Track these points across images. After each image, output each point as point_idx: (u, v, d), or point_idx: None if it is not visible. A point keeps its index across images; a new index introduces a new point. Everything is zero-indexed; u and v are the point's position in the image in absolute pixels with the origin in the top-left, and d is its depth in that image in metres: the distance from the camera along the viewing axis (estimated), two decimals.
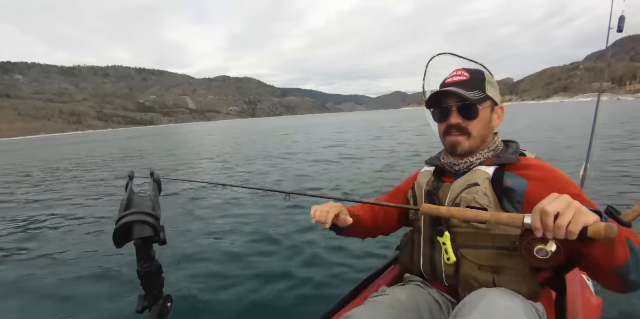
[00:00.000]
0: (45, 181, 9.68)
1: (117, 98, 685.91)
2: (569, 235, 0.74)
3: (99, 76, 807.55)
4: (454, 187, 1.10)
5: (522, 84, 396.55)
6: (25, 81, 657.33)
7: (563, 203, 0.75)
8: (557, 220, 0.74)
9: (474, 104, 1.08)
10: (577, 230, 0.73)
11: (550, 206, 0.75)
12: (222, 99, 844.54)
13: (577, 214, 0.73)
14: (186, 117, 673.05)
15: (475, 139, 1.11)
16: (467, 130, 1.10)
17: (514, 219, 0.82)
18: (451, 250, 1.06)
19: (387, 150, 11.36)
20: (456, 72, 1.16)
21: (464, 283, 1.05)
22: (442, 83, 1.19)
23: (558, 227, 0.74)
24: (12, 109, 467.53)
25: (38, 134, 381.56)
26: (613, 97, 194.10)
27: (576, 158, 6.77)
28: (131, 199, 0.68)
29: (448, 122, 1.11)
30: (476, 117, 1.09)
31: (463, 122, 1.09)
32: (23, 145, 51.92)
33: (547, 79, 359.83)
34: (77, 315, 2.50)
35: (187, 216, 4.93)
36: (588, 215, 0.74)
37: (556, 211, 0.74)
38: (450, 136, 1.12)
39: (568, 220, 0.73)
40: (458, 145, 1.11)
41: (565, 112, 31.28)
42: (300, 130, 32.14)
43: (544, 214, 0.75)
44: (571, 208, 0.74)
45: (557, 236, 0.75)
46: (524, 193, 0.99)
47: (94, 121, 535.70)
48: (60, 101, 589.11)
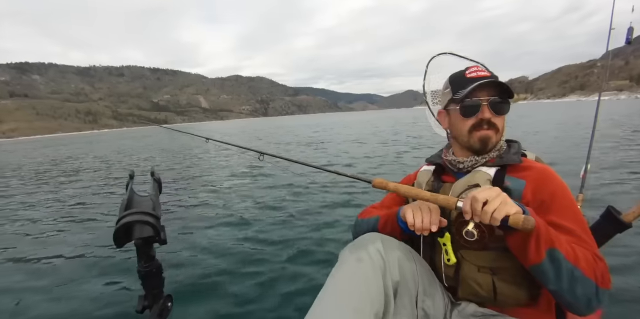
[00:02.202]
0: (51, 180, 9.87)
1: (132, 97, 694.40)
2: (492, 221, 0.82)
3: (114, 76, 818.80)
4: (455, 187, 1.10)
5: (537, 82, 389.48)
6: (42, 80, 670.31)
7: (493, 193, 0.84)
8: (484, 206, 0.83)
9: (507, 99, 1.08)
10: (500, 216, 0.80)
11: (480, 194, 0.84)
12: (234, 98, 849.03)
13: (502, 204, 0.82)
14: (199, 116, 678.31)
15: (500, 135, 1.11)
16: (496, 125, 1.09)
17: (449, 201, 0.91)
18: (451, 251, 1.06)
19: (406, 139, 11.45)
20: (476, 68, 1.13)
21: (464, 283, 1.05)
22: (461, 78, 1.14)
23: (484, 213, 0.82)
24: (30, 108, 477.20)
25: (55, 132, 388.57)
26: (631, 95, 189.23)
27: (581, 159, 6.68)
28: (131, 198, 0.67)
29: (479, 116, 1.08)
30: (507, 112, 1.09)
31: (493, 117, 1.08)
32: (45, 142, 52.95)
33: (563, 77, 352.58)
34: (76, 315, 2.50)
35: (187, 215, 4.94)
36: (512, 206, 0.82)
37: (485, 198, 0.83)
38: (481, 130, 1.09)
39: (494, 207, 0.81)
40: (489, 140, 1.09)
41: (585, 110, 30.84)
42: (329, 127, 32.24)
43: (474, 200, 0.84)
44: (499, 198, 0.83)
45: (483, 220, 0.84)
46: (521, 194, 1.01)
47: (110, 120, 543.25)
48: (77, 101, 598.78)
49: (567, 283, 0.85)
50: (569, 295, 0.86)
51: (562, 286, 0.85)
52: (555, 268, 0.85)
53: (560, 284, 0.85)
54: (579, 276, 0.84)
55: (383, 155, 10.11)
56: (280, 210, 4.80)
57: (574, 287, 0.85)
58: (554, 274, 0.85)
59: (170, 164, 11.54)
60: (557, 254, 0.84)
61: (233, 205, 5.33)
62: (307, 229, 3.90)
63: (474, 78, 1.11)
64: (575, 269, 0.84)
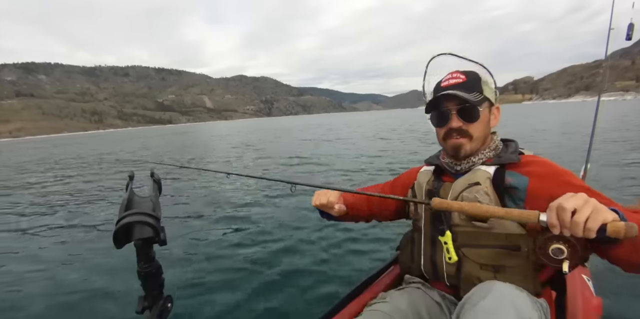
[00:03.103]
0: (55, 179, 9.97)
1: (137, 97, 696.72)
2: (587, 232, 0.72)
3: (119, 76, 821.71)
4: (455, 186, 1.10)
5: (543, 82, 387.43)
6: (48, 80, 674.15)
7: (580, 200, 0.74)
8: (574, 216, 0.73)
9: (475, 106, 1.06)
10: (596, 226, 0.71)
11: (567, 203, 0.74)
12: (239, 98, 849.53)
13: (594, 211, 0.72)
14: (203, 116, 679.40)
15: (477, 141, 1.10)
16: (468, 132, 1.09)
17: (529, 216, 0.80)
18: (452, 249, 1.05)
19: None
20: (451, 75, 1.14)
21: (466, 282, 1.04)
22: (437, 86, 1.17)
23: (575, 224, 0.72)
24: (36, 108, 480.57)
25: (61, 132, 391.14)
26: (637, 96, 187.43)
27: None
28: (131, 199, 0.67)
29: (448, 126, 1.10)
30: (477, 120, 1.08)
31: (464, 125, 1.08)
32: (53, 142, 53.27)
33: (568, 77, 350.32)
34: (76, 316, 2.52)
35: (187, 216, 4.95)
36: (606, 212, 0.72)
37: (573, 207, 0.73)
38: (452, 139, 1.11)
39: (586, 216, 0.72)
40: (461, 148, 1.10)
41: (588, 111, 30.72)
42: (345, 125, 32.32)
43: (561, 210, 0.74)
44: (589, 205, 0.73)
45: (575, 232, 0.74)
46: (526, 189, 0.99)
47: (115, 120, 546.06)
48: (82, 100, 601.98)
49: None
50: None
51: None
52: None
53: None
54: None
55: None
56: (280, 210, 4.80)
57: None
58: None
59: (172, 165, 11.50)
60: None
61: (233, 206, 5.34)
62: (307, 229, 3.92)
63: (443, 87, 1.13)
64: None
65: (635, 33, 2.40)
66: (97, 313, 2.52)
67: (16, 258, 3.73)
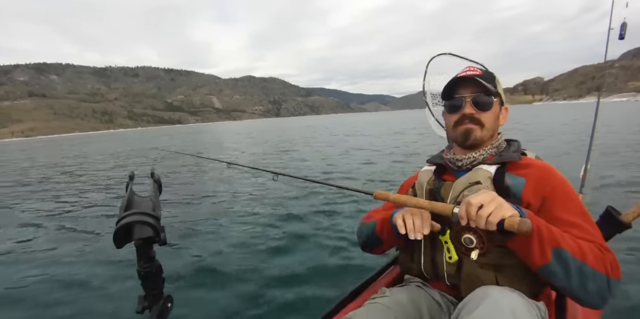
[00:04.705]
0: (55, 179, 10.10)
1: (146, 97, 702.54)
2: (488, 225, 0.81)
3: (129, 76, 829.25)
4: (456, 185, 1.11)
5: (553, 83, 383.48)
6: (59, 81, 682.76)
7: (488, 197, 0.84)
8: (479, 211, 0.82)
9: (489, 96, 1.09)
10: (495, 220, 0.80)
11: (474, 199, 0.84)
12: (247, 98, 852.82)
13: (497, 208, 0.81)
14: (212, 116, 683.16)
15: (487, 131, 1.13)
16: (480, 120, 1.11)
17: (445, 208, 0.91)
18: (453, 249, 1.05)
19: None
20: (468, 68, 1.18)
21: (466, 281, 1.04)
22: (454, 77, 1.18)
23: (479, 217, 0.82)
24: (48, 108, 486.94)
25: (72, 132, 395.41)
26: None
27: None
28: (131, 199, 0.68)
29: (461, 112, 1.12)
30: (490, 108, 1.11)
31: (476, 113, 1.11)
32: (65, 141, 53.81)
33: (579, 78, 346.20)
34: (76, 315, 2.53)
35: (187, 215, 4.97)
36: (507, 210, 0.81)
37: (480, 203, 0.83)
38: (463, 125, 1.12)
39: (489, 211, 0.81)
40: (471, 133, 1.11)
41: None
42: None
43: (469, 205, 0.83)
44: (493, 202, 0.82)
45: (479, 225, 0.83)
46: (522, 192, 1.01)
47: (125, 120, 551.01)
48: (93, 101, 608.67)
49: (578, 280, 0.84)
50: (581, 292, 0.85)
51: (573, 283, 0.85)
52: (564, 267, 0.84)
53: (571, 282, 0.85)
54: (588, 272, 0.84)
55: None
56: (281, 211, 4.81)
57: (585, 283, 0.84)
58: (563, 273, 0.85)
59: (172, 164, 11.61)
60: (564, 252, 0.84)
61: (234, 206, 5.36)
62: (308, 230, 3.93)
63: (461, 77, 1.15)
64: (583, 266, 0.84)
65: (635, 33, 2.39)
66: (97, 313, 2.52)
67: (16, 258, 3.73)
